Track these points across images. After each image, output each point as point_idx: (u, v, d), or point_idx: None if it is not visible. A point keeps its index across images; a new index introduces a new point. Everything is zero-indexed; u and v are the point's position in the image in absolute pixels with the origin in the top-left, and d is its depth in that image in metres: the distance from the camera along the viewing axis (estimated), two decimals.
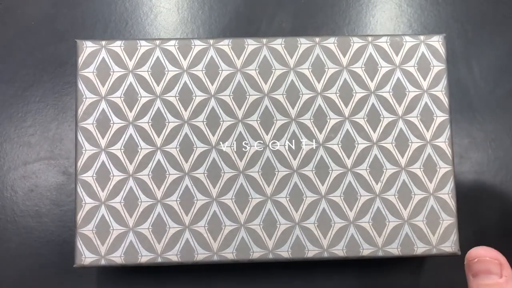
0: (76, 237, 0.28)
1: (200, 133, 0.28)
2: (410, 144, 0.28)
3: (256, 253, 0.28)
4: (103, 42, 0.29)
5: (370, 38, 0.29)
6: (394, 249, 0.28)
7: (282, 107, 0.29)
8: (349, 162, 0.28)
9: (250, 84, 0.29)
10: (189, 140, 0.28)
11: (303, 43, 0.29)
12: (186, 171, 0.28)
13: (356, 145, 0.28)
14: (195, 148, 0.28)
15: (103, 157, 0.28)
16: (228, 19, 0.37)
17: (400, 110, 0.29)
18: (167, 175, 0.28)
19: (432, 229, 0.28)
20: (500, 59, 0.36)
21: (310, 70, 0.29)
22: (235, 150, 0.28)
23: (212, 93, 0.29)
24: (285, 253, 0.28)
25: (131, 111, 0.28)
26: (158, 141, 0.28)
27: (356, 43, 0.29)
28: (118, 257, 0.27)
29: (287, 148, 0.28)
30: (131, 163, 0.28)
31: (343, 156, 0.28)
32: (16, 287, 0.32)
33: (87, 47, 0.29)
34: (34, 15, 0.37)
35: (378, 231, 0.28)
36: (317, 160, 0.28)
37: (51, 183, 0.34)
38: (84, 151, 0.28)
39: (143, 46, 0.29)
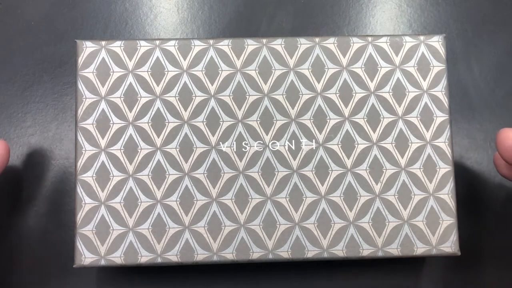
0: (76, 237, 0.28)
1: (200, 133, 0.28)
2: (410, 144, 0.28)
3: (256, 253, 0.28)
4: (103, 42, 0.29)
5: (370, 38, 0.29)
6: (394, 250, 0.28)
7: (282, 107, 0.29)
8: (349, 162, 0.28)
9: (250, 84, 0.29)
10: (189, 140, 0.28)
11: (303, 43, 0.29)
12: (186, 171, 0.28)
13: (356, 145, 0.28)
14: (195, 148, 0.28)
15: (103, 157, 0.28)
16: (228, 19, 0.37)
17: (400, 110, 0.29)
18: (167, 175, 0.28)
19: (432, 229, 0.28)
20: (500, 59, 0.36)
21: (310, 70, 0.29)
22: (235, 150, 0.28)
23: (212, 93, 0.29)
24: (285, 253, 0.28)
25: (131, 111, 0.28)
26: (158, 141, 0.28)
27: (356, 43, 0.29)
28: (118, 257, 0.27)
29: (287, 148, 0.28)
30: (131, 163, 0.28)
31: (343, 156, 0.28)
32: (16, 287, 0.32)
33: (87, 47, 0.29)
34: (34, 15, 0.37)
35: (378, 232, 0.28)
36: (317, 160, 0.28)
37: (51, 183, 0.34)
38: (84, 151, 0.28)
39: (143, 46, 0.29)
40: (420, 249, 0.28)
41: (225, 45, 0.29)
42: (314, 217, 0.28)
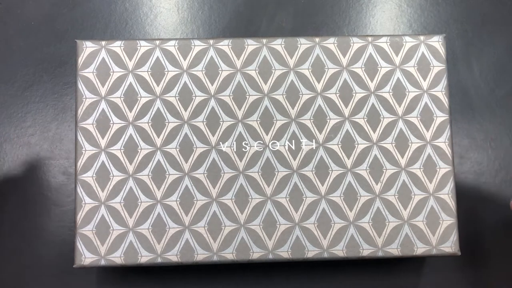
0: (76, 237, 0.28)
1: (200, 133, 0.28)
2: (410, 144, 0.28)
3: (256, 253, 0.28)
4: (103, 42, 0.29)
5: (370, 38, 0.29)
6: (394, 250, 0.28)
7: (282, 107, 0.29)
8: (349, 162, 0.28)
9: (250, 84, 0.29)
10: (189, 140, 0.28)
11: (303, 43, 0.29)
12: (186, 171, 0.28)
13: (356, 145, 0.28)
14: (195, 148, 0.28)
15: (103, 157, 0.28)
16: (228, 19, 0.37)
17: (400, 110, 0.29)
18: (167, 175, 0.28)
19: (432, 229, 0.28)
20: (500, 59, 0.36)
21: (310, 70, 0.29)
22: (235, 150, 0.28)
23: (212, 93, 0.29)
24: (285, 253, 0.28)
25: (131, 111, 0.28)
26: (158, 141, 0.28)
27: (356, 43, 0.29)
28: (118, 257, 0.27)
29: (287, 148, 0.28)
30: (131, 163, 0.28)
31: (343, 156, 0.28)
32: (16, 287, 0.32)
33: (87, 47, 0.29)
34: (34, 15, 0.37)
35: (378, 232, 0.28)
36: (317, 160, 0.28)
37: (51, 183, 0.34)
38: (84, 151, 0.28)
39: (143, 46, 0.29)
40: (420, 249, 0.28)
41: (225, 45, 0.29)
42: (314, 217, 0.28)
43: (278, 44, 0.29)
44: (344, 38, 0.29)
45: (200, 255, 0.28)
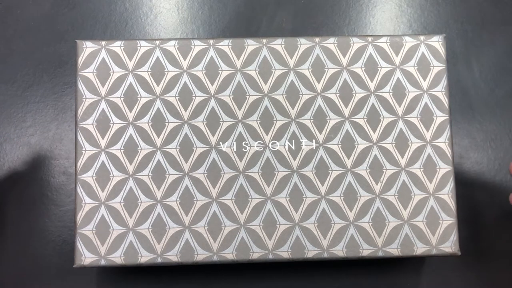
0: (76, 237, 0.28)
1: (200, 133, 0.28)
2: (410, 144, 0.28)
3: (256, 253, 0.28)
4: (103, 42, 0.29)
5: (370, 38, 0.29)
6: (394, 250, 0.28)
7: (282, 107, 0.29)
8: (349, 162, 0.28)
9: (250, 84, 0.29)
10: (189, 141, 0.28)
11: (303, 43, 0.29)
12: (186, 172, 0.28)
13: (356, 145, 0.28)
14: (195, 149, 0.28)
15: (103, 157, 0.28)
16: (228, 19, 0.37)
17: (400, 110, 0.29)
18: (167, 176, 0.28)
19: (432, 229, 0.28)
20: (500, 59, 0.36)
21: (310, 70, 0.29)
22: (235, 150, 0.28)
23: (212, 93, 0.29)
24: (285, 253, 0.28)
25: (131, 111, 0.28)
26: (158, 141, 0.28)
27: (356, 43, 0.29)
28: (118, 257, 0.27)
29: (287, 148, 0.28)
30: (131, 164, 0.28)
31: (343, 156, 0.28)
32: (16, 287, 0.32)
33: (87, 47, 0.29)
34: (34, 15, 0.37)
35: (378, 232, 0.28)
36: (317, 160, 0.28)
37: (51, 183, 0.34)
38: (84, 151, 0.28)
39: (143, 46, 0.29)
40: (420, 249, 0.28)
41: (225, 45, 0.29)
42: (314, 217, 0.28)
43: (278, 44, 0.29)
44: (344, 38, 0.29)
45: (200, 255, 0.28)
